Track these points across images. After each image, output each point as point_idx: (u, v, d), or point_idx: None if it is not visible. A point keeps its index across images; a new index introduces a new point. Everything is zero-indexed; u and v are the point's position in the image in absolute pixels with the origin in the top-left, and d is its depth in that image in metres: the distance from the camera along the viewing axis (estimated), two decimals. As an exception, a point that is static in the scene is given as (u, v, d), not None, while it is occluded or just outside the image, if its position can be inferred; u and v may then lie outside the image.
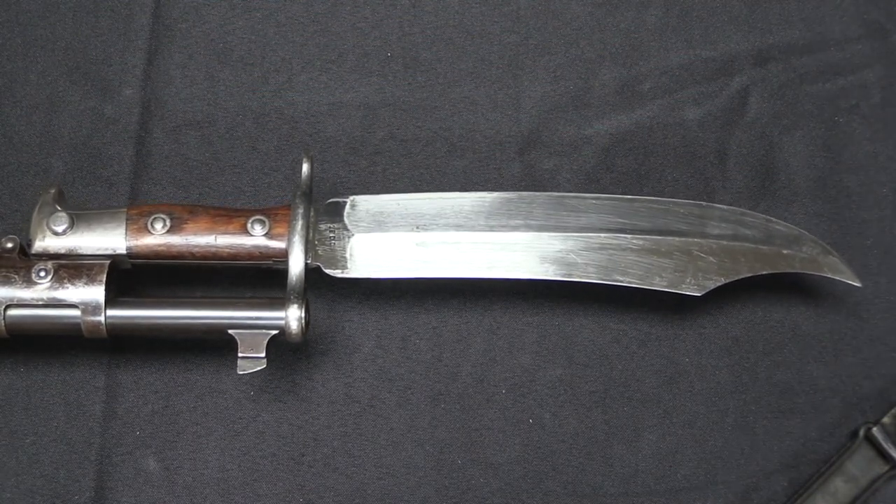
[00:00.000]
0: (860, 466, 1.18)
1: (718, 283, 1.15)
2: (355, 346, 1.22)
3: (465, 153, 1.28)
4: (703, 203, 1.19)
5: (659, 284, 1.15)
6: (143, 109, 1.27)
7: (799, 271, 1.17)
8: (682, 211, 1.17)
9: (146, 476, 1.18)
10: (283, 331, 1.10)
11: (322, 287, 1.22)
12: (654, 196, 1.21)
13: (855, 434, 1.19)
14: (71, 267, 1.11)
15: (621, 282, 1.15)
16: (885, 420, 1.19)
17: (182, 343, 1.21)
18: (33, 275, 1.11)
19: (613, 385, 1.22)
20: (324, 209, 1.16)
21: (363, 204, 1.17)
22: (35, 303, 1.10)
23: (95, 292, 1.10)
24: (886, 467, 1.18)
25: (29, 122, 1.26)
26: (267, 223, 1.14)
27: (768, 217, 1.19)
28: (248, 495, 1.18)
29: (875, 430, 1.18)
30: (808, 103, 1.31)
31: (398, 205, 1.17)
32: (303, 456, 1.19)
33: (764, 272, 1.16)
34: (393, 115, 1.29)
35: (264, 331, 1.11)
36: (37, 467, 1.18)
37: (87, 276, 1.11)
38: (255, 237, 1.14)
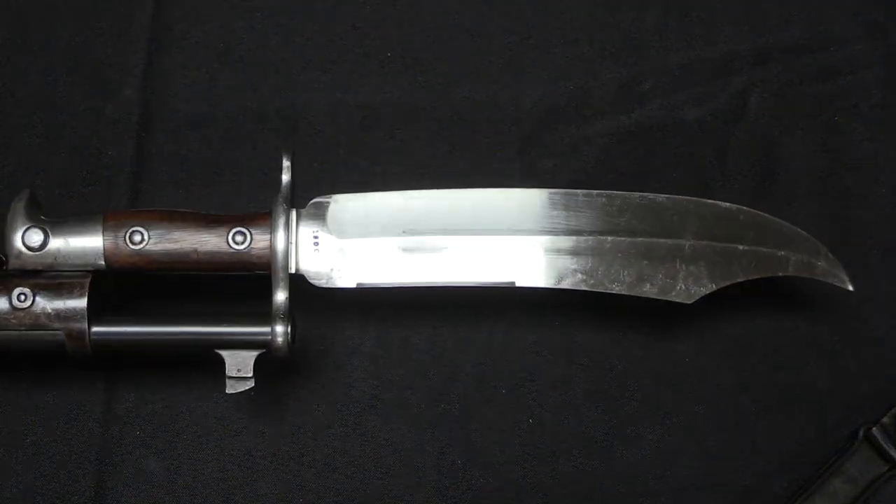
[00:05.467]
0: (860, 467, 1.18)
1: (710, 290, 1.13)
2: (355, 346, 1.22)
3: (464, 153, 1.28)
4: (699, 200, 1.15)
5: (649, 292, 1.13)
6: (143, 109, 1.27)
7: (791, 275, 1.15)
8: (673, 207, 1.14)
9: (146, 476, 1.18)
10: (269, 347, 1.09)
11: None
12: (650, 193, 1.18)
13: (854, 435, 1.19)
14: (51, 287, 1.09)
15: (611, 290, 1.13)
16: (885, 420, 1.19)
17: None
18: (13, 300, 1.08)
19: (613, 385, 1.22)
20: (307, 211, 1.13)
21: (347, 205, 1.13)
22: (17, 328, 1.08)
23: (78, 313, 1.08)
24: (886, 468, 1.18)
25: (29, 122, 1.26)
26: (248, 236, 1.11)
27: (762, 213, 1.16)
28: (247, 495, 1.18)
29: (875, 430, 1.18)
30: (808, 103, 1.30)
31: (383, 203, 1.13)
32: (303, 456, 1.19)
33: (755, 277, 1.14)
34: (393, 115, 1.29)
35: (251, 350, 1.09)
36: (37, 467, 1.18)
37: (69, 294, 1.08)
38: (237, 249, 1.11)
